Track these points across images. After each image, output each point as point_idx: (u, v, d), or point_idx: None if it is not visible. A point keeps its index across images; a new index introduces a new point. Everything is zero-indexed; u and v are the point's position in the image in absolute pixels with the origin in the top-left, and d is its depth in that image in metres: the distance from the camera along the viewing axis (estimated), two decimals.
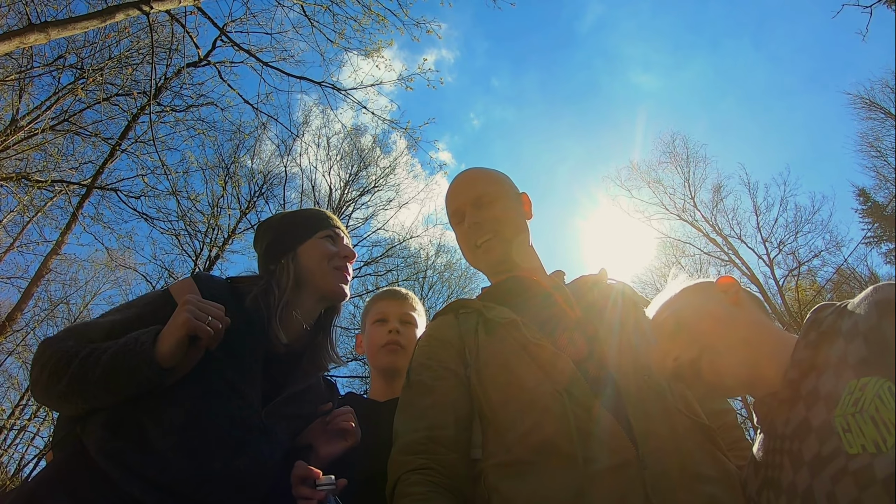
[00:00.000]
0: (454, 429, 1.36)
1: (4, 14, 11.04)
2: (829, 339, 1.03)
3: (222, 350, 1.42)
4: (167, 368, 1.30)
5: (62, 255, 13.12)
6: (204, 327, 1.31)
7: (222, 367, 1.43)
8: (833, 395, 0.94)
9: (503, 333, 1.45)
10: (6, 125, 12.11)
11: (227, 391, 1.41)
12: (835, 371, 0.97)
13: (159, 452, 1.27)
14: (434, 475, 1.26)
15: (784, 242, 19.84)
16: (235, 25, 11.69)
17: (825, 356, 1.01)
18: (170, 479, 1.26)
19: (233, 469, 1.34)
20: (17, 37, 6.42)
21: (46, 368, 1.31)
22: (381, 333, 2.25)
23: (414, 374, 1.52)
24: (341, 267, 1.78)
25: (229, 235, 15.97)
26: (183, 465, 1.27)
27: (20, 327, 14.77)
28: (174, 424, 1.31)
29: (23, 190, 12.03)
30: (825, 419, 0.94)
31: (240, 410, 1.41)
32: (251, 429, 1.42)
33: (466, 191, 1.75)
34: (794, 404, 1.04)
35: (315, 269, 1.73)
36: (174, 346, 1.29)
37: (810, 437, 0.96)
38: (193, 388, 1.37)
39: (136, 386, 1.29)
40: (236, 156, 16.36)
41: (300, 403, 1.64)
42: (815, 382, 1.00)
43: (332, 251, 1.78)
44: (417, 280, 18.78)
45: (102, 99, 13.02)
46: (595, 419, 1.23)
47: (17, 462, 16.68)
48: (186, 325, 1.29)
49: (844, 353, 0.97)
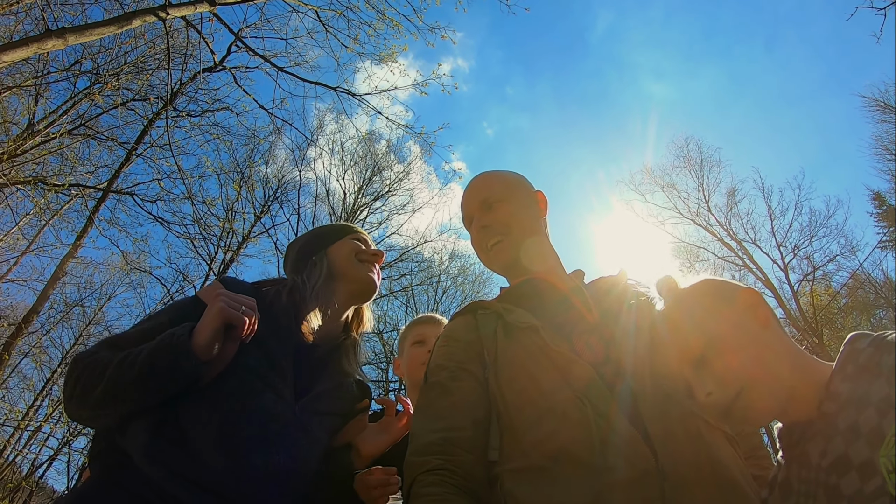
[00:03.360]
0: (472, 430, 1.35)
1: (22, 20, 11.21)
2: (869, 376, 1.01)
3: (252, 346, 1.43)
4: (205, 361, 1.30)
5: (78, 257, 13.32)
6: (239, 315, 1.33)
7: (254, 364, 1.42)
8: (877, 434, 0.93)
9: (522, 338, 1.44)
10: (23, 129, 12.29)
11: (260, 386, 1.40)
12: (877, 411, 0.95)
13: (200, 452, 1.25)
14: (450, 476, 1.25)
15: (799, 247, 19.76)
16: (250, 31, 11.85)
17: (865, 393, 1.00)
18: (211, 479, 1.24)
19: (272, 465, 1.32)
20: (35, 42, 6.50)
21: (81, 380, 1.29)
22: (421, 353, 2.51)
23: (432, 376, 1.50)
24: (370, 260, 1.83)
25: (244, 239, 16.11)
26: (223, 463, 1.26)
27: (35, 329, 14.98)
28: (211, 422, 1.29)
29: (39, 193, 12.18)
30: (868, 457, 0.93)
31: (274, 405, 1.40)
32: (287, 424, 1.40)
33: (475, 194, 1.76)
34: (830, 438, 1.02)
35: (345, 261, 1.78)
36: (210, 336, 1.30)
37: (851, 474, 0.95)
38: (227, 385, 1.36)
39: (173, 382, 1.27)
40: (251, 160, 16.56)
41: (333, 400, 1.62)
42: (855, 418, 0.99)
43: (360, 247, 1.84)
44: (431, 285, 18.86)
45: (119, 104, 13.20)
46: (613, 427, 1.21)
47: (31, 462, 16.85)
48: (221, 313, 1.31)
49: (888, 394, 0.95)
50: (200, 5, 8.41)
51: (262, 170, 17.27)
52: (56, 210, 13.69)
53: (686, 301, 1.29)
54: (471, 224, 1.76)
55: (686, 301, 1.29)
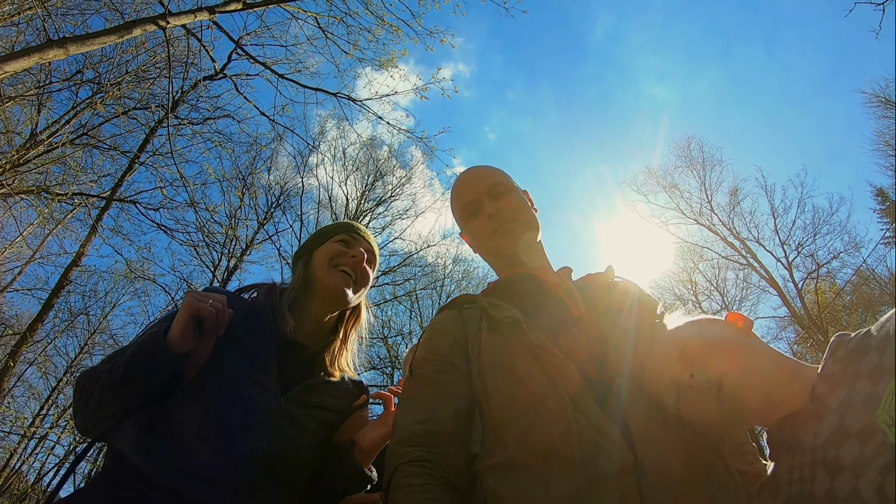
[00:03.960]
0: (454, 423, 1.36)
1: (23, 30, 11.29)
2: (859, 355, 1.03)
3: (232, 342, 1.50)
4: (182, 354, 1.37)
5: (82, 266, 13.31)
6: (206, 307, 1.40)
7: (234, 358, 1.49)
8: (872, 399, 0.94)
9: (507, 333, 1.44)
10: (26, 139, 12.37)
11: (242, 379, 1.47)
12: (870, 378, 0.97)
13: (187, 442, 1.33)
14: (432, 468, 1.25)
15: (802, 245, 19.70)
16: (251, 38, 11.89)
17: (856, 368, 1.01)
18: (199, 467, 1.31)
19: (257, 451, 1.38)
20: (36, 53, 6.55)
21: (83, 394, 1.39)
22: None
23: (416, 368, 1.52)
24: (343, 265, 1.81)
25: (247, 246, 16.14)
26: (209, 451, 1.33)
27: (40, 338, 15.00)
28: (196, 414, 1.36)
29: (43, 203, 12.22)
30: (866, 422, 0.93)
31: (258, 395, 1.46)
32: (271, 412, 1.46)
33: (479, 182, 1.74)
34: (823, 417, 1.02)
35: (318, 268, 1.79)
36: (181, 327, 1.36)
37: (850, 441, 0.94)
38: (209, 380, 1.43)
39: (155, 375, 1.35)
40: (253, 167, 16.60)
41: (324, 395, 1.66)
42: (847, 392, 1.00)
43: (337, 250, 1.83)
44: (435, 289, 18.81)
45: (120, 113, 13.26)
46: (593, 423, 1.21)
47: (38, 471, 16.88)
48: (189, 306, 1.38)
49: (879, 361, 0.97)
50: (200, 14, 8.46)
51: (264, 176, 17.33)
52: (59, 219, 13.76)
53: (678, 324, 1.38)
54: (473, 210, 1.73)
55: (678, 324, 1.38)
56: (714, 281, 22.18)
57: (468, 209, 1.74)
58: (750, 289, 21.46)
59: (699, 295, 22.35)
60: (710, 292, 22.21)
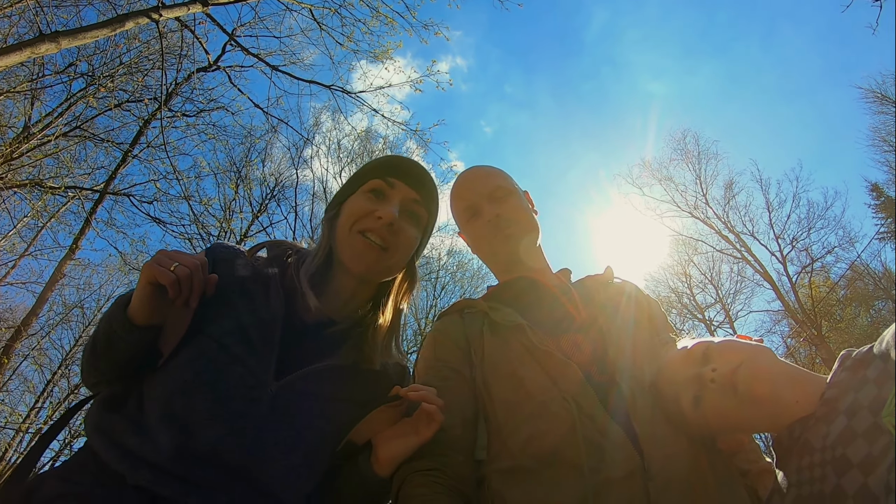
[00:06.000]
0: (461, 430, 1.36)
1: (15, 24, 11.18)
2: (865, 363, 1.06)
3: (222, 315, 1.27)
4: (145, 326, 1.18)
5: (76, 259, 13.28)
6: (165, 272, 1.14)
7: (217, 334, 1.23)
8: (878, 402, 0.97)
9: (509, 337, 1.44)
10: (19, 133, 12.26)
11: (224, 359, 1.20)
12: (876, 383, 1.00)
13: (150, 427, 1.12)
14: (440, 476, 1.25)
15: (797, 239, 19.77)
16: (244, 30, 11.83)
17: (863, 374, 1.04)
18: (158, 457, 1.09)
19: (227, 447, 1.13)
20: (28, 47, 6.48)
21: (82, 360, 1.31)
22: None
23: (419, 375, 1.52)
24: (367, 230, 1.43)
25: (241, 238, 16.04)
26: (167, 440, 1.10)
27: (35, 332, 14.96)
28: (159, 395, 1.16)
29: (36, 196, 12.18)
30: (872, 422, 0.96)
31: (241, 379, 1.19)
32: (255, 401, 1.19)
33: (480, 184, 1.71)
34: (832, 420, 1.05)
35: (342, 229, 1.47)
36: (139, 296, 1.16)
37: (857, 441, 0.97)
38: (181, 356, 1.21)
39: (115, 350, 1.20)
40: (248, 159, 16.46)
41: (338, 382, 1.33)
42: (855, 396, 1.03)
43: (363, 209, 1.46)
44: (430, 280, 18.81)
45: (114, 105, 13.14)
46: (599, 427, 1.21)
47: None
48: (147, 271, 1.15)
49: (884, 367, 1.00)
50: (193, 6, 8.40)
51: (259, 168, 17.25)
52: (53, 212, 13.67)
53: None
54: (473, 214, 1.70)
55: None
56: (708, 274, 22.32)
57: (468, 212, 1.72)
58: (744, 282, 21.64)
59: (693, 288, 22.51)
60: (705, 285, 22.37)
